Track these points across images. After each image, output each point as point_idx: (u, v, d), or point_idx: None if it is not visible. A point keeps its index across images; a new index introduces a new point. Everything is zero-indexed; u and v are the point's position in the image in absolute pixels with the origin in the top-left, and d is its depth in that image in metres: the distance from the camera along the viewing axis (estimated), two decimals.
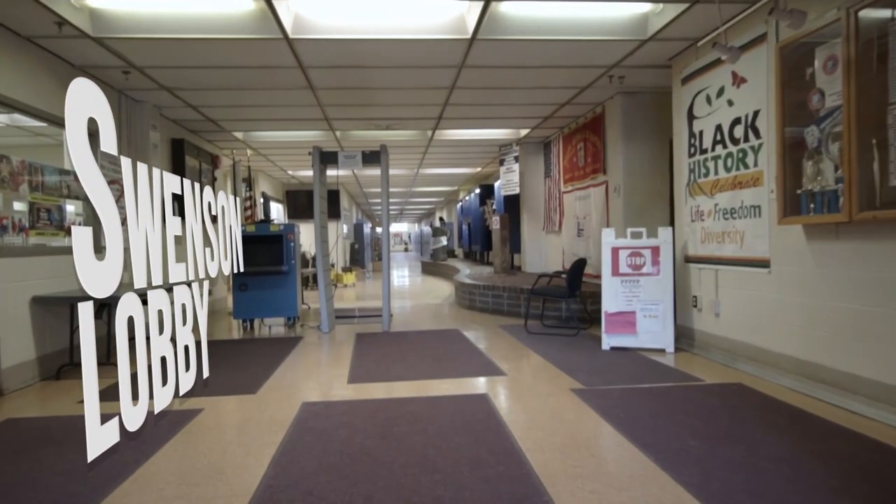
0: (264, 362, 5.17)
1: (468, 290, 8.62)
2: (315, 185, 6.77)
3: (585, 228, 8.05)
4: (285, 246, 6.94)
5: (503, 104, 7.31)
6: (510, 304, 7.79)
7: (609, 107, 7.23)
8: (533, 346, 5.63)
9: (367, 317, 8.04)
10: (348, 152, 6.86)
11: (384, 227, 6.85)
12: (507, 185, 10.29)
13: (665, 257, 5.35)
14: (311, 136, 8.91)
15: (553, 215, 9.60)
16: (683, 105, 5.40)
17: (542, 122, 8.49)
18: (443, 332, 6.64)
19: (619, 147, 6.95)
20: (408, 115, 7.79)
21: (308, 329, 7.08)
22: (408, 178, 15.41)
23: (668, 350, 5.23)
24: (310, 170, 12.91)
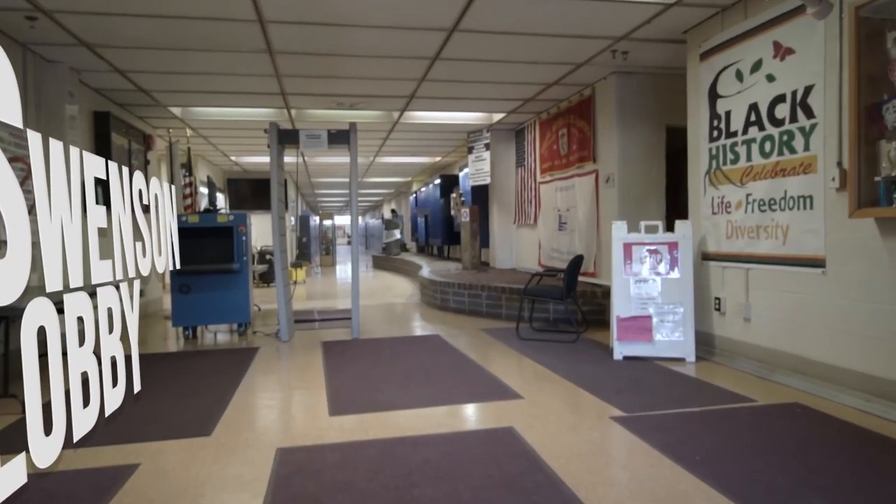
0: (216, 384, 4.18)
1: (440, 289, 7.82)
2: (272, 168, 5.76)
3: (569, 222, 7.42)
4: (236, 240, 5.90)
5: (486, 82, 6.53)
6: (490, 305, 7.06)
7: (600, 88, 6.59)
8: (534, 356, 4.91)
9: (329, 320, 7.09)
10: (312, 131, 5.89)
11: (352, 217, 5.94)
12: (477, 174, 9.54)
13: (684, 254, 4.74)
14: (262, 114, 7.82)
15: (527, 207, 8.94)
16: (702, 83, 4.80)
17: (520, 106, 7.77)
18: (423, 339, 5.81)
19: (612, 133, 6.33)
20: (377, 93, 6.88)
21: (263, 337, 6.07)
22: (361, 168, 14.39)
23: (688, 359, 4.64)
24: (256, 156, 11.74)
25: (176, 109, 7.51)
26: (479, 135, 9.44)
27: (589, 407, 3.53)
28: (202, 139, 9.46)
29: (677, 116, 6.41)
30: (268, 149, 5.94)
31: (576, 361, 4.73)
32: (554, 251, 7.94)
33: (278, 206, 5.83)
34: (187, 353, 5.49)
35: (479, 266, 9.43)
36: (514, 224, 9.55)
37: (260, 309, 8.15)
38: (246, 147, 10.50)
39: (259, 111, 7.76)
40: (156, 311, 8.17)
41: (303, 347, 5.53)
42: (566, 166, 7.49)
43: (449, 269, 9.63)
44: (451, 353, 5.15)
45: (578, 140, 7.10)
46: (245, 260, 6.03)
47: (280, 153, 5.87)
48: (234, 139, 9.63)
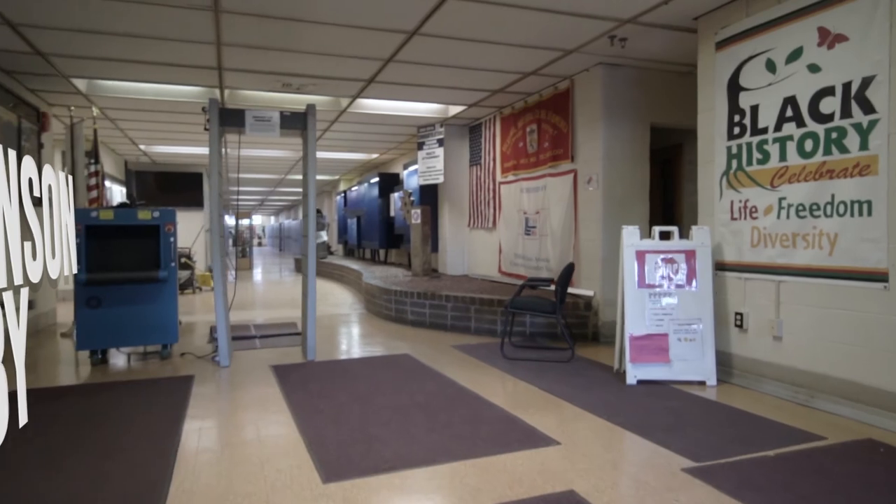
0: (144, 436, 3.13)
1: (395, 299, 6.97)
2: (212, 155, 4.68)
3: (539, 226, 6.84)
4: (163, 241, 4.76)
5: (459, 67, 5.78)
6: (457, 318, 6.31)
7: (581, 81, 6.06)
8: (536, 382, 4.23)
9: (270, 336, 6.03)
10: (261, 112, 4.87)
11: (309, 214, 4.97)
12: (428, 172, 8.78)
13: (703, 264, 4.26)
14: (188, 94, 6.60)
15: (484, 209, 8.30)
16: (720, 75, 4.34)
17: (485, 98, 7.11)
18: (393, 361, 4.96)
19: (596, 129, 5.81)
20: (334, 74, 5.92)
21: (195, 361, 4.95)
22: (287, 164, 13.16)
23: (709, 383, 4.15)
24: (172, 144, 10.25)
25: (80, 82, 6.13)
26: (431, 130, 8.68)
27: (647, 455, 2.88)
28: (109, 122, 7.97)
29: (663, 115, 6.06)
30: (205, 131, 4.85)
31: (586, 387, 4.10)
32: (518, 257, 7.34)
33: (218, 202, 4.75)
34: (96, 385, 4.28)
35: (430, 272, 8.65)
36: (468, 227, 8.87)
37: (181, 323, 6.89)
38: (162, 133, 9.06)
39: (185, 90, 6.53)
40: (47, 327, 6.68)
41: (249, 374, 4.50)
42: (535, 165, 6.91)
43: (396, 276, 8.78)
44: (436, 378, 4.35)
45: (552, 137, 6.54)
46: (173, 266, 4.88)
47: (220, 137, 4.80)
48: (149, 123, 8.21)
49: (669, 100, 6.02)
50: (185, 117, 7.76)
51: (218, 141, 4.71)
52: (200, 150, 10.76)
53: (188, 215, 12.95)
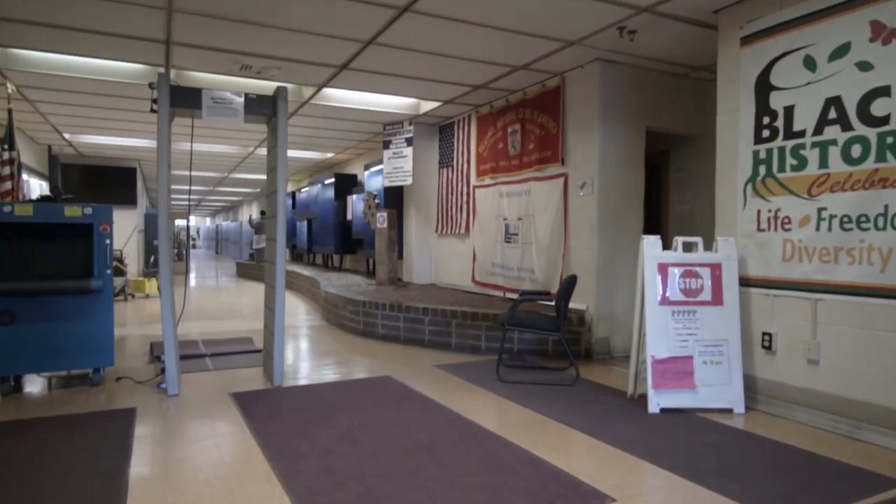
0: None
1: (364, 311, 6.29)
2: (160, 141, 3.88)
3: (521, 233, 6.35)
4: (97, 244, 3.91)
5: (446, 56, 5.20)
6: (436, 333, 5.71)
7: (573, 79, 5.63)
8: (548, 411, 3.69)
9: (223, 355, 5.21)
10: (221, 93, 4.11)
11: (279, 213, 4.23)
12: (394, 173, 8.14)
13: (729, 279, 3.87)
14: (127, 72, 5.68)
15: (456, 214, 7.74)
16: (746, 73, 3.98)
17: (464, 94, 6.57)
18: (375, 386, 4.30)
19: (592, 131, 5.39)
20: (304, 56, 5.20)
21: (135, 388, 4.10)
22: (232, 161, 12.13)
23: (736, 410, 3.74)
24: (100, 135, 9.08)
25: None
26: (398, 128, 8.05)
27: None
28: (27, 104, 6.86)
29: (657, 118, 5.71)
30: (151, 113, 4.06)
31: (605, 418, 3.61)
32: (496, 266, 6.82)
33: (167, 199, 3.94)
34: (3, 425, 3.39)
35: (396, 281, 8.00)
36: (437, 233, 8.29)
37: None
38: (91, 120, 7.95)
39: (122, 67, 5.60)
40: None
41: (205, 405, 3.72)
42: (518, 168, 6.42)
43: (358, 285, 8.07)
44: (431, 408, 3.73)
45: (539, 138, 6.07)
46: (109, 274, 4.03)
47: (171, 121, 3.99)
48: (76, 108, 7.13)
49: (664, 103, 5.69)
50: (119, 102, 6.77)
51: (168, 125, 3.92)
52: (135, 141, 9.64)
53: (120, 214, 11.56)
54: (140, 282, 9.99)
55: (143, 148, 10.08)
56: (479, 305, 5.86)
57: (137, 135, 9.09)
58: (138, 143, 9.75)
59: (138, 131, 8.74)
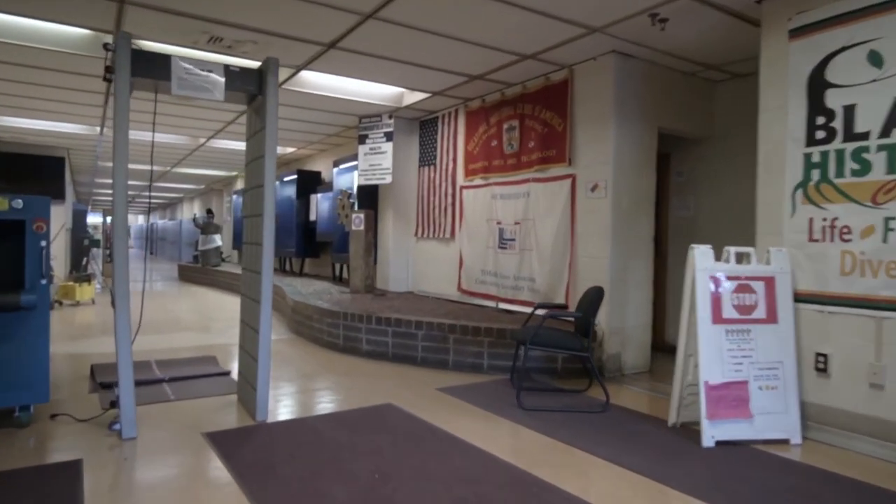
0: None
1: (344, 325, 5.60)
2: (118, 117, 3.09)
3: (519, 238, 5.84)
4: (29, 247, 3.09)
5: (450, 37, 4.62)
6: (431, 350, 5.10)
7: (584, 72, 5.18)
8: (595, 448, 3.18)
9: (184, 379, 4.40)
10: (195, 63, 3.36)
11: (266, 211, 3.51)
12: (371, 171, 7.46)
13: (783, 294, 3.48)
14: (60, 37, 4.77)
15: (439, 217, 7.16)
16: (796, 68, 3.62)
17: (459, 84, 6.01)
18: (377, 416, 3.66)
19: (606, 129, 4.95)
20: (287, 30, 4.48)
21: (77, 429, 3.28)
22: (178, 153, 11.04)
23: (793, 441, 3.35)
24: (28, 118, 7.88)
25: None
26: (377, 121, 7.39)
27: None
28: None
29: (669, 118, 5.34)
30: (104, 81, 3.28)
31: (663, 456, 3.13)
32: (487, 274, 6.28)
33: (124, 187, 3.16)
34: None
35: (373, 289, 7.31)
36: (415, 236, 7.67)
37: None
38: (15, 98, 6.85)
39: (59, 30, 4.69)
40: None
41: (175, 453, 2.97)
42: (516, 168, 5.92)
43: (329, 293, 7.34)
44: (459, 448, 3.14)
45: (541, 136, 5.59)
46: (45, 285, 3.20)
47: (129, 94, 3.20)
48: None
49: (673, 102, 5.34)
50: (51, 77, 5.78)
51: (127, 99, 3.14)
52: (66, 126, 8.50)
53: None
54: (69, 287, 8.82)
55: (75, 134, 8.92)
56: (479, 318, 5.30)
57: (69, 119, 7.98)
58: (69, 128, 8.60)
59: (71, 115, 7.66)
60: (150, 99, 3.53)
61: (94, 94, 6.47)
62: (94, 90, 6.31)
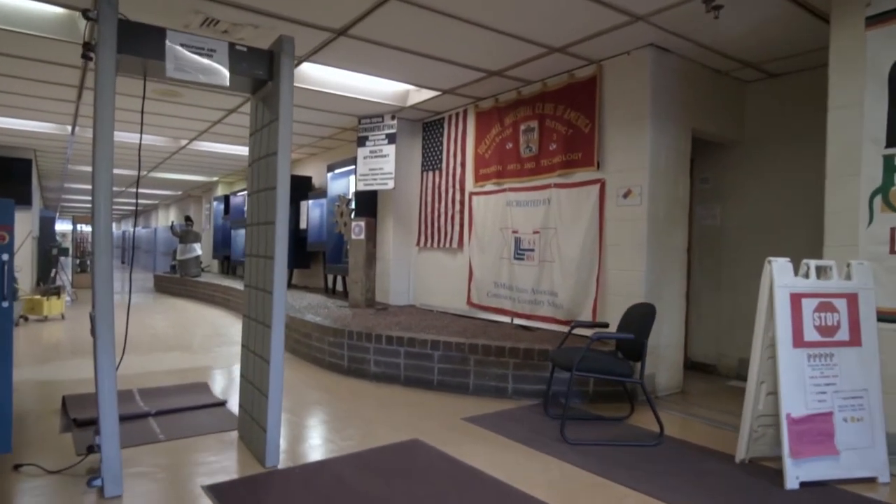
0: None
1: (348, 344, 5.06)
2: (101, 104, 2.55)
3: (539, 249, 5.39)
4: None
5: (475, 24, 4.17)
6: (448, 373, 4.60)
7: (614, 68, 4.78)
8: (659, 493, 2.71)
9: (172, 412, 3.82)
10: (196, 40, 2.84)
11: (279, 218, 2.97)
12: (371, 175, 6.96)
13: (867, 313, 3.08)
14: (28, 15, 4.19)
15: (444, 225, 6.68)
16: (875, 60, 3.25)
17: (475, 81, 5.56)
18: (407, 457, 3.15)
19: (642, 131, 4.55)
20: (295, 12, 3.96)
21: (48, 484, 2.70)
22: (161, 154, 10.35)
23: (881, 479, 2.95)
24: None
25: None
26: (378, 122, 6.90)
27: None
28: None
29: (703, 120, 4.97)
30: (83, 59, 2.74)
31: (738, 499, 2.68)
32: (501, 287, 5.82)
33: (109, 191, 2.62)
34: None
35: (374, 303, 6.78)
36: (417, 246, 7.17)
37: None
38: None
39: (25, 8, 4.12)
40: None
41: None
42: (534, 173, 5.48)
43: (325, 306, 6.79)
44: (509, 497, 2.65)
45: (565, 138, 5.16)
46: (7, 308, 2.63)
47: (115, 73, 2.66)
48: None
49: (706, 103, 4.98)
50: (15, 65, 5.17)
51: (112, 80, 2.60)
52: (33, 125, 7.82)
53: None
54: (36, 301, 8.09)
55: (44, 134, 8.22)
56: (499, 337, 4.83)
57: (37, 116, 7.32)
58: (37, 126, 7.91)
59: (39, 111, 7.01)
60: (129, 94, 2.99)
61: (66, 87, 5.85)
62: (65, 83, 5.70)
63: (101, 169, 2.57)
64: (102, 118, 2.57)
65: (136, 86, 5.60)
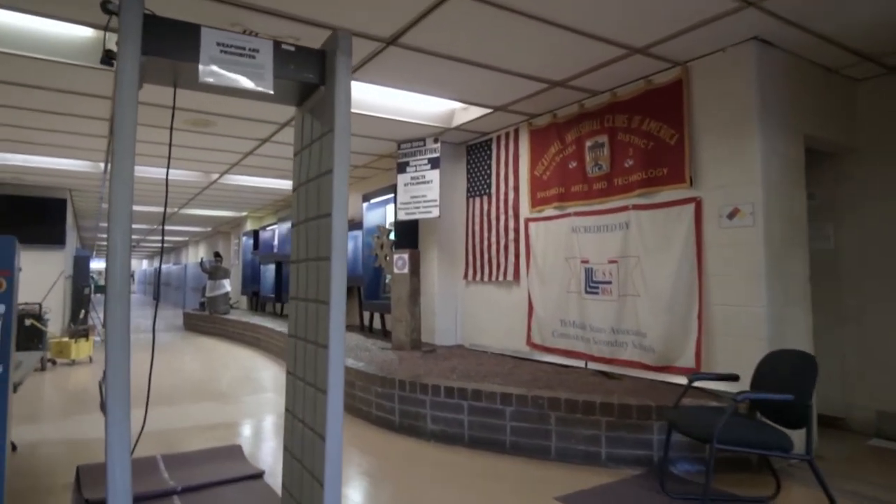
0: None
1: (399, 395, 4.38)
2: (121, 112, 1.98)
3: (618, 281, 4.67)
4: None
5: (547, 22, 3.58)
6: (523, 433, 3.87)
7: (705, 69, 4.13)
8: None
9: (201, 489, 3.17)
10: (237, 37, 2.27)
11: (334, 250, 2.34)
12: (413, 204, 6.36)
13: None
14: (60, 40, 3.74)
15: (497, 256, 6.02)
16: None
17: (528, 97, 4.98)
18: None
19: (749, 139, 3.86)
20: (337, 19, 3.41)
21: None
22: (192, 190, 9.94)
23: None
24: (24, 153, 6.77)
25: None
26: (419, 146, 6.34)
27: None
28: None
29: (813, 126, 4.26)
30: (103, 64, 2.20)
31: None
32: (570, 325, 5.10)
33: (128, 220, 2.02)
34: None
35: (420, 344, 6.10)
36: (465, 280, 6.51)
37: (16, 448, 3.83)
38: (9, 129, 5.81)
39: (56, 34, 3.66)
40: None
41: None
42: (605, 194, 4.81)
43: (365, 348, 6.14)
44: None
45: (643, 152, 4.50)
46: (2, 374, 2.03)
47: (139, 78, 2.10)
48: None
49: (816, 105, 4.28)
50: (46, 99, 4.76)
51: (135, 86, 2.03)
52: (67, 162, 7.49)
53: (42, 256, 9.33)
54: (64, 344, 7.61)
55: (78, 172, 7.89)
56: (581, 388, 4.10)
57: (70, 153, 6.98)
58: (71, 165, 7.59)
59: (72, 147, 6.65)
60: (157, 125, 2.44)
61: (98, 120, 5.45)
62: (96, 115, 5.29)
63: (118, 199, 1.98)
64: (122, 133, 1.99)
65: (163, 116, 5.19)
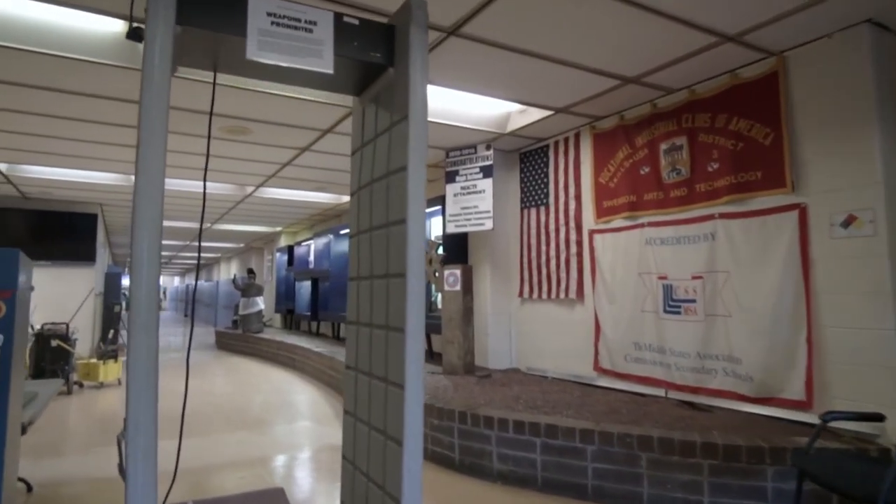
0: None
1: (459, 429, 3.90)
2: (149, 94, 1.58)
3: (704, 298, 4.12)
4: None
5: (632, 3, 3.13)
6: (608, 476, 3.34)
7: (804, 59, 3.60)
8: None
9: None
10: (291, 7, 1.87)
11: (410, 265, 1.90)
12: (464, 216, 5.92)
13: None
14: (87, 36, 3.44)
15: (556, 271, 5.52)
16: None
17: (597, 96, 4.51)
18: None
19: (866, 134, 3.32)
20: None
21: None
22: (226, 204, 9.72)
23: None
24: (54, 166, 6.54)
25: None
26: (470, 153, 5.91)
27: None
28: None
29: None
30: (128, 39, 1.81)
31: None
32: (646, 349, 4.55)
33: (159, 227, 1.61)
34: None
35: (474, 368, 5.60)
36: (520, 297, 6.01)
37: (31, 489, 3.45)
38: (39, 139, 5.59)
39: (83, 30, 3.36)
40: None
41: None
42: (685, 202, 4.29)
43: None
44: None
45: (731, 154, 3.97)
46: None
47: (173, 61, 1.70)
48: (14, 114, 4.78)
49: None
50: (75, 104, 4.48)
51: (168, 58, 1.63)
52: (97, 175, 7.28)
53: (71, 273, 9.16)
54: (92, 366, 7.34)
55: (107, 186, 7.70)
56: (671, 424, 3.55)
57: (100, 165, 6.75)
58: (101, 177, 7.38)
59: (102, 159, 6.41)
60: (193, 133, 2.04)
61: (128, 128, 5.17)
62: (127, 123, 5.00)
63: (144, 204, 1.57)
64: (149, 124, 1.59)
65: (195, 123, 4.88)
